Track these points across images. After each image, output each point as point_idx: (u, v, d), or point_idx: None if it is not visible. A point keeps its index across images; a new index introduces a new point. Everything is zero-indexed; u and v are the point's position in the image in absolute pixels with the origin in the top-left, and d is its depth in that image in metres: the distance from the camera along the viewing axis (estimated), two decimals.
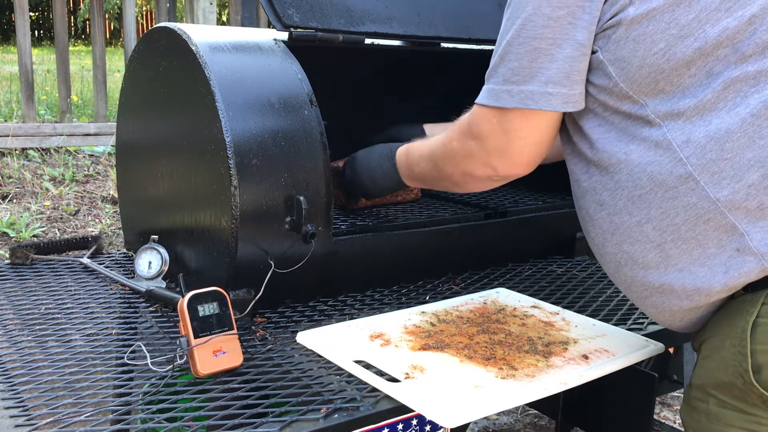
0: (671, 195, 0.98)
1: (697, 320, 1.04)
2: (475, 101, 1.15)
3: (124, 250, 1.87)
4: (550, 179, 1.80)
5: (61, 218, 3.73)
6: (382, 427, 1.09)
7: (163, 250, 1.59)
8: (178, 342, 1.15)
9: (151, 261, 1.59)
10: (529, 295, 1.57)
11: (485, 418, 2.44)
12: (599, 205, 1.10)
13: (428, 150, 1.35)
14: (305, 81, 1.44)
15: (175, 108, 1.53)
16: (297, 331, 1.32)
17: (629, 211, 1.04)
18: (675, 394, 2.59)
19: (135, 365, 1.19)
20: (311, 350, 1.26)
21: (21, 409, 1.04)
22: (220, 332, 1.17)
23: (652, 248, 1.02)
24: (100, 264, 1.73)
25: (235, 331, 1.19)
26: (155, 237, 1.62)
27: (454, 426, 1.02)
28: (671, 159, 0.98)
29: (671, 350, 1.68)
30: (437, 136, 1.33)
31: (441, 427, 1.18)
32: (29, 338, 1.31)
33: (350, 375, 1.16)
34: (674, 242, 0.99)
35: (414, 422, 1.14)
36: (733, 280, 0.94)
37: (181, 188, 1.53)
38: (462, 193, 1.31)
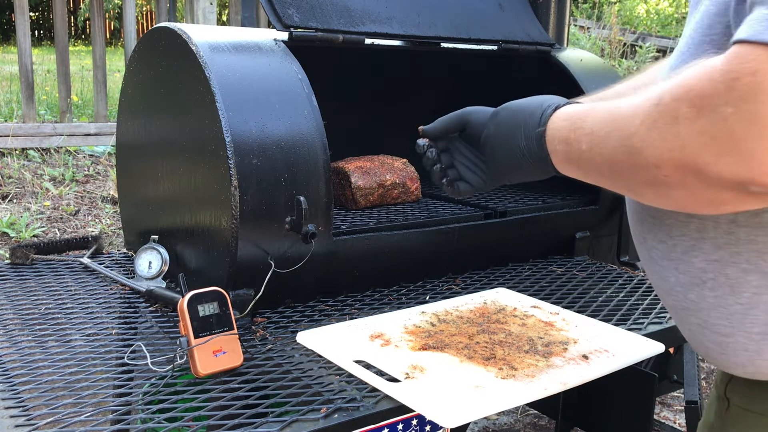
0: None
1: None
2: (739, 37, 0.61)
3: (124, 250, 1.87)
4: (550, 179, 1.80)
5: (61, 218, 3.73)
6: (382, 427, 1.09)
7: (163, 250, 1.59)
8: (178, 342, 1.15)
9: (151, 261, 1.59)
10: (529, 295, 1.57)
11: (485, 418, 2.44)
12: (700, 230, 0.73)
13: (612, 115, 0.75)
14: (305, 81, 1.44)
15: (175, 108, 1.53)
16: (297, 331, 1.32)
17: (746, 261, 0.70)
18: (675, 394, 2.59)
19: (135, 365, 1.19)
20: (311, 350, 1.26)
21: (21, 409, 1.04)
22: (220, 332, 1.17)
23: (751, 334, 0.73)
24: (100, 264, 1.73)
25: (235, 331, 1.19)
26: (155, 237, 1.62)
27: (454, 426, 1.02)
28: None
29: (671, 350, 1.68)
30: (629, 95, 0.75)
31: (441, 427, 1.18)
32: (29, 338, 1.31)
33: (350, 375, 1.16)
34: None
35: (414, 422, 1.14)
36: None
37: (181, 188, 1.53)
38: (658, 207, 0.76)
